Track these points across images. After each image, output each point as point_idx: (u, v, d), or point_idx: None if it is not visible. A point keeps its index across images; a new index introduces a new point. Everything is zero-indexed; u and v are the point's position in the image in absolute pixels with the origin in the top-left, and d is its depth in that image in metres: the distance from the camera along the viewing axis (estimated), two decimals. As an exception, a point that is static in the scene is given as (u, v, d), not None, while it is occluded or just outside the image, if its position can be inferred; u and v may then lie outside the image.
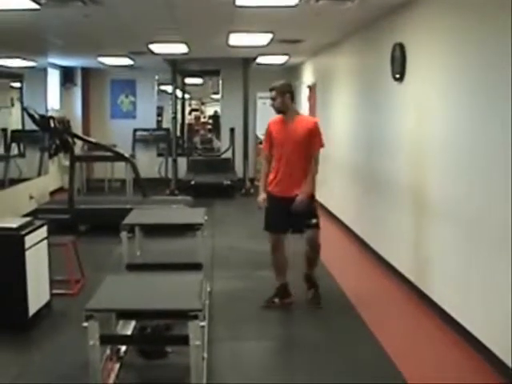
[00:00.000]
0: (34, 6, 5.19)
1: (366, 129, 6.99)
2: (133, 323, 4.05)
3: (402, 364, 3.77)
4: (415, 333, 4.52)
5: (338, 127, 8.46)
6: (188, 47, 8.71)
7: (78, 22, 6.34)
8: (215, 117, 14.72)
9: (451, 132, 4.46)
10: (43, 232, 4.63)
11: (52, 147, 8.08)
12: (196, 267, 4.36)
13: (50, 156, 8.93)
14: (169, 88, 11.97)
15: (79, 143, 10.22)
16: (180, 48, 8.76)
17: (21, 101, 8.81)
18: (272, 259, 4.96)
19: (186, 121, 13.86)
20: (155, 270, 4.51)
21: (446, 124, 4.56)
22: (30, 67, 8.99)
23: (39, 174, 9.39)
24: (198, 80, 14.50)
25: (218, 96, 13.18)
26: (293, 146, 4.72)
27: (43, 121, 7.57)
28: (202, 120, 16.24)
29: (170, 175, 11.43)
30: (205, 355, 3.51)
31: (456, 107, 4.39)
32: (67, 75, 11.94)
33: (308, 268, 4.98)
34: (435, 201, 4.76)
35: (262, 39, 7.80)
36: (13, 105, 8.77)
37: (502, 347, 3.60)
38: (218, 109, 13.67)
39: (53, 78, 10.97)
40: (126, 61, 10.44)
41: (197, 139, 14.81)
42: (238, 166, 11.76)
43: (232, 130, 12.27)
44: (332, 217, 8.65)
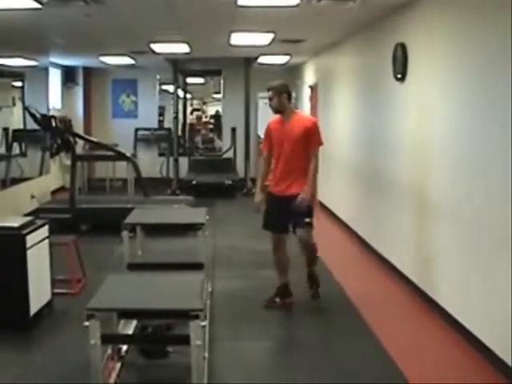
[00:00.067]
0: (36, 6, 5.19)
1: (368, 129, 6.99)
2: (134, 323, 4.05)
3: (403, 364, 3.77)
4: (416, 333, 4.51)
5: (340, 127, 8.46)
6: (189, 47, 8.71)
7: (80, 22, 6.35)
8: (217, 116, 14.73)
9: (452, 132, 4.46)
10: (44, 231, 4.63)
11: (53, 146, 8.09)
12: (197, 267, 4.36)
13: (52, 155, 8.92)
14: (170, 87, 11.95)
15: (80, 143, 10.21)
16: (181, 48, 8.76)
17: (22, 100, 8.79)
18: (273, 258, 4.96)
19: (188, 120, 13.86)
20: (156, 270, 4.50)
21: (448, 124, 4.56)
22: (32, 66, 8.98)
23: (41, 174, 9.38)
24: (200, 80, 14.49)
25: (220, 96, 13.16)
26: (291, 146, 4.71)
27: (45, 120, 7.57)
28: (204, 120, 16.27)
29: (172, 175, 11.44)
30: (206, 355, 3.51)
31: (457, 107, 4.39)
32: (69, 74, 11.95)
33: (307, 266, 5.01)
34: (436, 201, 4.75)
35: (264, 39, 7.80)
36: (14, 104, 8.76)
37: (503, 347, 3.60)
38: (220, 108, 13.67)
39: (54, 78, 10.97)
40: (128, 60, 10.44)
41: (198, 139, 14.82)
42: (240, 166, 11.75)
43: (233, 130, 12.28)
44: (333, 216, 8.66)
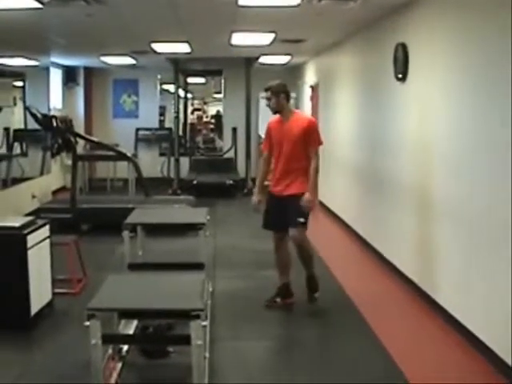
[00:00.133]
0: (37, 6, 5.19)
1: (369, 129, 6.99)
2: (135, 323, 4.04)
3: (404, 364, 3.76)
4: (417, 332, 4.51)
5: (341, 127, 8.46)
6: (190, 47, 8.71)
7: (81, 22, 6.35)
8: (217, 116, 14.73)
9: (453, 132, 4.45)
10: (45, 231, 4.63)
11: (54, 146, 8.10)
12: (198, 267, 4.36)
13: (53, 155, 8.94)
14: (171, 87, 11.95)
15: (81, 142, 10.22)
16: (182, 47, 8.76)
17: (23, 100, 8.80)
18: (275, 258, 4.96)
19: (189, 120, 13.86)
20: (157, 270, 4.50)
21: (448, 124, 4.56)
22: (33, 66, 8.99)
23: (41, 174, 9.38)
24: (201, 79, 14.49)
25: (221, 95, 13.16)
26: (290, 146, 4.70)
27: (45, 120, 7.58)
28: (205, 119, 16.25)
29: (173, 175, 11.43)
30: (207, 355, 3.51)
31: (458, 107, 4.39)
32: (70, 74, 11.95)
33: (305, 268, 4.95)
34: (437, 200, 4.75)
35: (265, 39, 7.80)
36: (15, 104, 8.77)
37: (503, 347, 3.60)
38: (221, 108, 13.67)
39: (55, 78, 10.98)
40: (129, 60, 10.44)
41: (199, 139, 14.82)
42: (241, 166, 11.76)
43: (234, 130, 12.28)
44: (334, 216, 8.66)
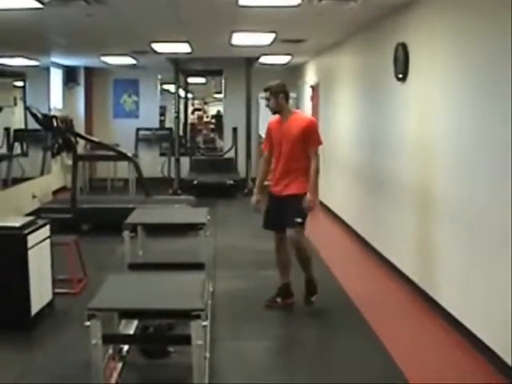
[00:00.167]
0: (38, 5, 5.19)
1: (369, 128, 6.98)
2: (135, 323, 4.04)
3: (404, 364, 3.76)
4: (417, 332, 4.51)
5: (341, 127, 8.46)
6: (191, 47, 8.71)
7: (81, 22, 6.35)
8: (218, 116, 14.73)
9: (454, 132, 4.45)
10: (46, 231, 4.63)
11: (55, 146, 8.10)
12: (198, 267, 4.36)
13: (53, 155, 8.94)
14: (172, 87, 11.96)
15: (82, 142, 10.23)
16: (183, 47, 8.76)
17: (24, 100, 8.80)
18: (276, 258, 4.96)
19: (189, 120, 13.87)
20: (157, 270, 4.50)
21: (449, 124, 4.55)
22: (33, 66, 8.99)
23: (42, 174, 9.38)
24: (201, 79, 14.50)
25: (221, 95, 13.16)
26: (289, 146, 4.69)
27: (46, 120, 7.58)
28: (205, 119, 16.26)
29: (173, 175, 11.43)
30: (207, 355, 3.51)
31: (459, 107, 4.39)
32: (70, 74, 11.95)
33: (303, 271, 4.89)
34: (437, 200, 4.75)
35: (265, 39, 7.80)
36: (16, 104, 8.77)
37: (503, 347, 3.59)
38: (221, 108, 13.67)
39: (56, 78, 10.98)
40: (129, 60, 10.44)
41: (199, 139, 14.82)
42: (241, 166, 11.75)
43: (235, 130, 12.28)
44: (334, 216, 8.65)
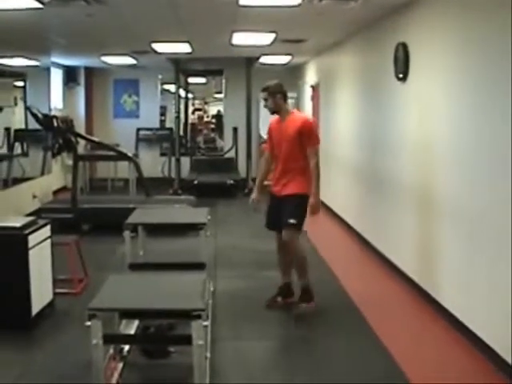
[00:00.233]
0: (37, 6, 5.19)
1: (369, 128, 6.98)
2: (136, 323, 4.05)
3: (405, 364, 3.76)
4: (418, 332, 4.51)
5: (341, 127, 8.46)
6: (191, 47, 8.71)
7: (81, 22, 6.35)
8: (218, 116, 14.74)
9: (454, 131, 4.45)
10: (46, 231, 4.63)
11: (55, 146, 8.10)
12: (199, 267, 4.36)
13: (53, 155, 8.93)
14: (172, 87, 11.96)
15: (82, 142, 10.23)
16: (183, 47, 8.75)
17: (24, 100, 8.80)
18: (277, 258, 4.95)
19: (189, 120, 13.87)
20: (158, 270, 4.51)
21: (449, 123, 4.55)
22: (34, 66, 8.99)
23: (42, 174, 9.38)
24: (202, 79, 14.49)
25: (221, 95, 13.17)
26: (287, 146, 4.69)
27: (46, 120, 7.58)
28: (205, 119, 16.27)
29: (173, 175, 11.43)
30: (208, 355, 3.51)
31: (459, 106, 4.38)
32: (70, 74, 11.95)
33: (297, 277, 4.79)
34: (438, 200, 4.74)
35: (265, 39, 7.79)
36: (16, 104, 8.78)
37: (504, 346, 3.59)
38: (221, 108, 13.67)
39: (56, 78, 10.98)
40: (130, 60, 10.44)
41: (200, 139, 14.82)
42: (241, 166, 11.76)
43: (235, 130, 12.28)
44: (335, 216, 8.65)
